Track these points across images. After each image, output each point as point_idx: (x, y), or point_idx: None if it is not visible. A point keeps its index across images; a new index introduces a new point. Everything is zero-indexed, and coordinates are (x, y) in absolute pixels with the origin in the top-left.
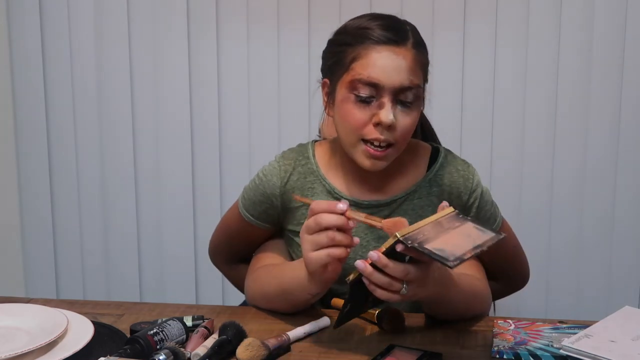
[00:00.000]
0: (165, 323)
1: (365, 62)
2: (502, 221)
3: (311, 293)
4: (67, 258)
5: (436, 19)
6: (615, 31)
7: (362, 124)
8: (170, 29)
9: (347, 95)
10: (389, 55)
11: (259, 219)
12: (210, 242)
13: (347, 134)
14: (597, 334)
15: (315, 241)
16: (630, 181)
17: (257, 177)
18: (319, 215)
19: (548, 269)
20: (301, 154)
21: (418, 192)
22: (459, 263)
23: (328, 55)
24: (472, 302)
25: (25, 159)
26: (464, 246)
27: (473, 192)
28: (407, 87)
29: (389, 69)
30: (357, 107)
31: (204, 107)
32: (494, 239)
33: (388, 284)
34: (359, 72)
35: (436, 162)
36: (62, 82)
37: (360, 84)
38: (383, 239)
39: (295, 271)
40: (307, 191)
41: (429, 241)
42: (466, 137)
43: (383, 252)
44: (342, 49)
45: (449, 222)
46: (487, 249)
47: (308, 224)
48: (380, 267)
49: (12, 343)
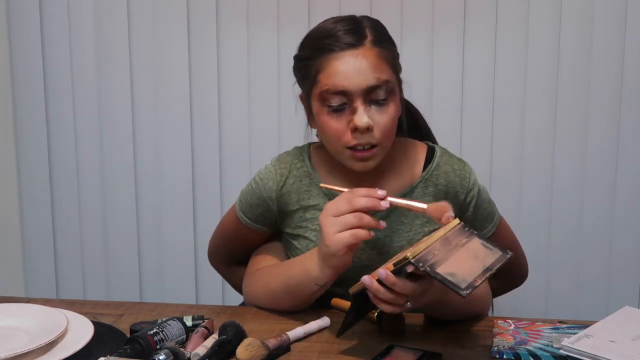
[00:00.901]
0: (165, 323)
1: (328, 72)
2: (500, 219)
3: (319, 283)
4: (67, 258)
5: (436, 18)
6: (615, 29)
7: (341, 132)
8: (171, 29)
9: (320, 108)
10: (349, 59)
11: (256, 222)
12: (209, 244)
13: (330, 144)
14: (597, 334)
15: (343, 222)
16: (631, 181)
17: (254, 180)
18: (353, 198)
19: (548, 269)
20: (297, 157)
21: (414, 192)
22: (471, 291)
23: (295, 71)
24: (471, 302)
25: (25, 159)
26: (474, 270)
27: (470, 191)
28: (375, 85)
29: (351, 73)
30: (331, 117)
31: (204, 107)
32: (501, 259)
33: (393, 300)
34: (325, 83)
35: (432, 162)
36: (62, 82)
37: (328, 95)
38: (384, 255)
39: (303, 263)
40: (304, 194)
41: (440, 263)
42: (466, 137)
43: (392, 270)
44: (305, 63)
45: (456, 236)
46: (496, 271)
47: (338, 206)
48: (388, 285)
49: (12, 343)
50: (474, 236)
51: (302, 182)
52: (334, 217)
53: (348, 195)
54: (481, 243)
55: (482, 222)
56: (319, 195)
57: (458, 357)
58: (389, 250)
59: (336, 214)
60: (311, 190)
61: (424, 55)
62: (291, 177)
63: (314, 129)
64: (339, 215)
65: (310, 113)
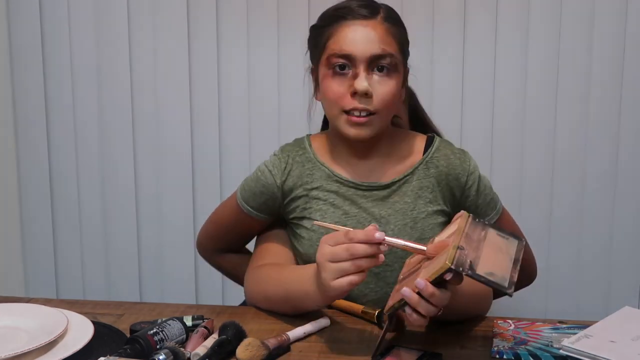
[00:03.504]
0: (165, 323)
1: (337, 38)
2: (502, 208)
3: (319, 305)
4: (67, 258)
5: (436, 15)
6: (616, 24)
7: (340, 95)
8: (171, 29)
9: (326, 71)
10: (358, 28)
11: (259, 210)
12: (200, 234)
13: (330, 108)
14: (597, 334)
15: (341, 269)
16: (631, 181)
17: (259, 170)
18: (352, 246)
19: (548, 269)
20: (298, 146)
21: (416, 174)
22: (514, 289)
23: (310, 42)
24: (473, 303)
25: (25, 159)
26: (506, 264)
27: (471, 174)
28: (380, 55)
29: (359, 40)
30: (334, 80)
31: (204, 107)
32: (520, 247)
33: (433, 312)
34: (333, 48)
35: (432, 146)
36: (62, 82)
37: (334, 59)
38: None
39: (303, 281)
40: (307, 178)
41: (476, 264)
42: (466, 136)
43: (431, 281)
44: (318, 32)
45: (473, 231)
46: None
47: (336, 252)
48: (426, 296)
49: (12, 343)
50: (488, 227)
51: (305, 166)
52: (332, 262)
53: (344, 240)
54: (497, 234)
55: (485, 209)
56: (322, 177)
57: (458, 357)
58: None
59: (334, 260)
60: (314, 174)
61: (423, 54)
62: (295, 164)
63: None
64: (337, 262)
65: (317, 85)
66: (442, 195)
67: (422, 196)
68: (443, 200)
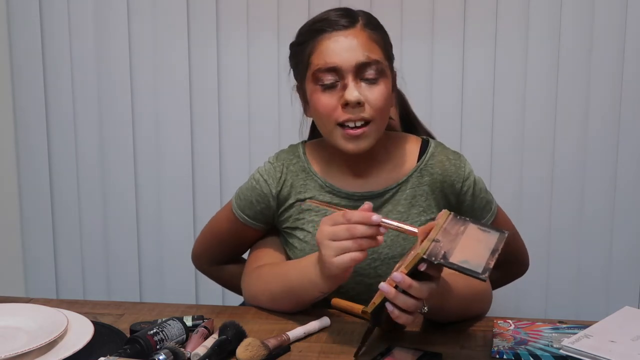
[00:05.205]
0: (165, 323)
1: (319, 51)
2: (497, 209)
3: (323, 291)
4: (67, 258)
5: (436, 17)
6: (615, 28)
7: (332, 108)
8: (171, 29)
9: (313, 87)
10: (340, 38)
11: (255, 219)
12: (195, 245)
13: (323, 123)
14: (597, 334)
15: (342, 247)
16: (631, 181)
17: (253, 178)
18: (352, 226)
19: (548, 268)
20: (292, 154)
21: (410, 181)
22: (488, 274)
23: (291, 59)
24: (471, 303)
25: (25, 159)
26: (483, 253)
27: (466, 180)
28: (365, 62)
29: (342, 51)
30: (324, 95)
31: (204, 107)
32: (502, 238)
33: (413, 306)
34: (317, 63)
35: (426, 152)
36: (62, 82)
37: (320, 73)
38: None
39: (305, 270)
40: (301, 188)
41: (450, 254)
42: (466, 135)
43: (406, 273)
44: (299, 48)
45: (453, 226)
46: (502, 251)
47: (336, 231)
48: (404, 288)
49: (12, 343)
50: (469, 222)
51: (299, 176)
52: (333, 241)
53: (343, 220)
54: (477, 227)
55: (481, 212)
56: (316, 188)
57: (458, 357)
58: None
59: (334, 238)
60: (307, 184)
61: (424, 54)
62: (289, 173)
63: (309, 127)
64: (337, 240)
65: (305, 102)
66: (437, 202)
67: (415, 205)
68: (437, 208)
